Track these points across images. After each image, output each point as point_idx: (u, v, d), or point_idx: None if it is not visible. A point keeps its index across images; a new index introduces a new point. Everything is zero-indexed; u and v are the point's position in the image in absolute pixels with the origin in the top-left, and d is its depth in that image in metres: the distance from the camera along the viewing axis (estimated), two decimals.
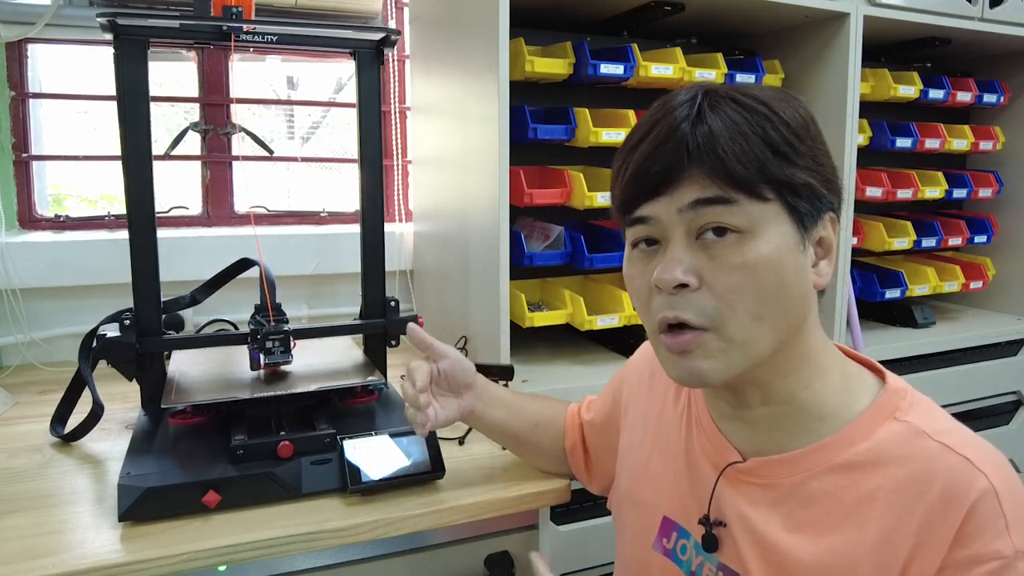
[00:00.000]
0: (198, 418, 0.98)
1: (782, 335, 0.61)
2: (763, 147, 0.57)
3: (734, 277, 0.58)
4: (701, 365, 0.60)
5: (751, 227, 0.58)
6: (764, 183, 0.58)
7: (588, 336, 1.51)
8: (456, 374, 0.88)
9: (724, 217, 0.58)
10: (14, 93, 1.51)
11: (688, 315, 0.59)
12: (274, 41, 1.02)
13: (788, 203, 0.59)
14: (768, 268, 0.58)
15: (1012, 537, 0.53)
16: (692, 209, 0.58)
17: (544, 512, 0.95)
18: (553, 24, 1.52)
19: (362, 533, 0.82)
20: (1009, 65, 1.91)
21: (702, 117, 0.58)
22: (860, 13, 1.46)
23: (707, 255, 0.59)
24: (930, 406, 0.63)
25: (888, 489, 0.58)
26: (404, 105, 1.77)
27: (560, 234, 1.38)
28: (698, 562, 0.69)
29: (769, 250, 0.58)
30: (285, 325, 1.01)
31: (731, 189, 0.57)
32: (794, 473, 0.62)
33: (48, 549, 0.75)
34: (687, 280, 0.58)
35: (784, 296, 0.59)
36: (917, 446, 0.58)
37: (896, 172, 1.73)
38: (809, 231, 0.60)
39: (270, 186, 1.82)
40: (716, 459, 0.68)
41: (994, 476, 0.55)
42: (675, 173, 0.58)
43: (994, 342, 1.76)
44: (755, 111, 0.58)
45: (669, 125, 0.59)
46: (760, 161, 0.57)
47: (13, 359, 1.44)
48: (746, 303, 0.58)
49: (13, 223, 1.52)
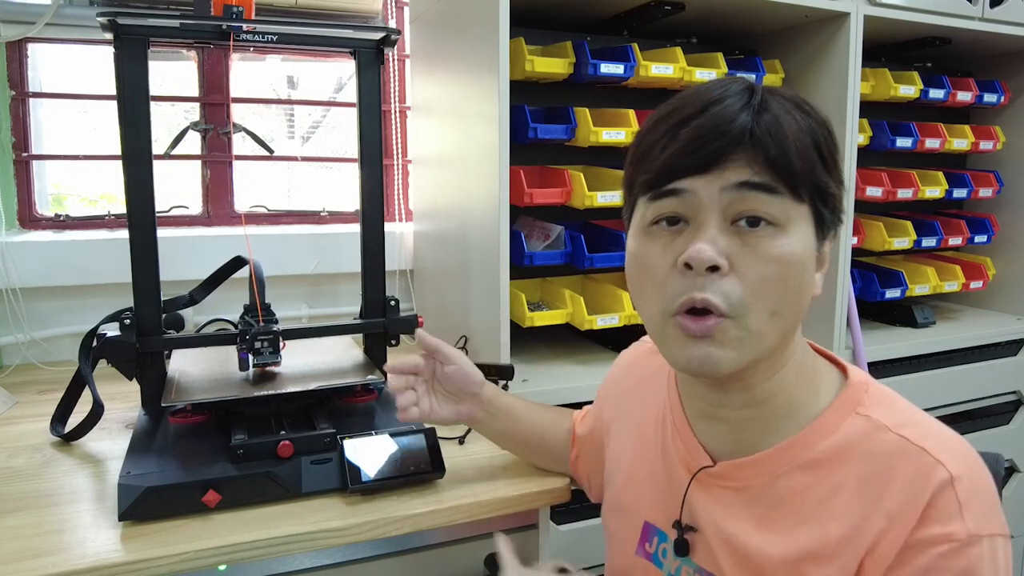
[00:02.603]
0: (198, 417, 0.98)
1: (787, 335, 0.61)
2: (815, 150, 0.59)
3: (766, 268, 0.57)
4: (716, 352, 0.59)
5: (786, 222, 0.58)
6: (807, 184, 0.59)
7: (588, 336, 1.51)
8: (459, 381, 0.90)
9: (766, 206, 0.57)
10: (14, 93, 1.51)
11: (717, 299, 0.57)
12: (274, 41, 1.02)
13: (816, 209, 0.60)
14: (797, 265, 0.58)
15: (966, 521, 0.54)
16: (736, 191, 0.57)
17: (544, 512, 0.95)
18: (553, 24, 1.52)
19: (362, 533, 0.82)
20: (1009, 65, 1.91)
21: (766, 107, 0.58)
22: (860, 13, 1.46)
23: (740, 241, 0.58)
24: (892, 398, 0.64)
25: (852, 483, 0.59)
26: (404, 105, 1.77)
27: (560, 234, 1.38)
28: (676, 565, 0.70)
29: (799, 247, 0.58)
30: (274, 325, 1.01)
31: (780, 181, 0.57)
32: (762, 474, 0.63)
33: (48, 548, 0.75)
34: (720, 262, 0.57)
35: (800, 296, 0.60)
36: (878, 440, 0.60)
37: (896, 172, 1.73)
38: (823, 241, 0.62)
39: (270, 186, 1.82)
40: (689, 463, 0.69)
41: (951, 464, 0.56)
42: (731, 151, 0.57)
43: (994, 342, 1.75)
44: (809, 115, 0.60)
45: (729, 109, 0.58)
46: (812, 162, 0.58)
47: (13, 358, 1.44)
48: (769, 296, 0.58)
49: (13, 223, 1.52)
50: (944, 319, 1.85)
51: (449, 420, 0.91)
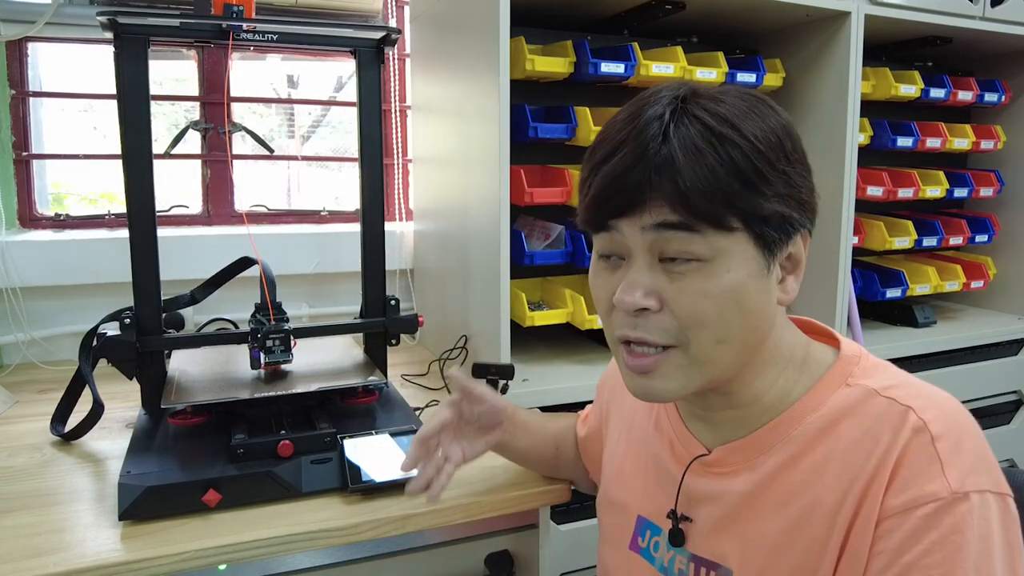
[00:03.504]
0: (198, 418, 0.98)
1: (743, 355, 0.61)
2: (730, 178, 0.55)
3: (696, 304, 0.57)
4: (657, 385, 0.61)
5: (714, 256, 0.57)
6: (730, 214, 0.56)
7: (588, 335, 1.51)
8: (491, 416, 0.87)
9: (686, 245, 0.57)
10: (14, 92, 1.51)
11: (652, 336, 0.59)
12: (274, 40, 1.02)
13: (755, 232, 0.57)
14: (730, 297, 0.57)
15: (948, 479, 0.53)
16: (655, 231, 0.57)
17: (544, 512, 0.95)
18: (554, 23, 1.51)
19: (362, 532, 0.82)
20: (1010, 64, 1.90)
21: (668, 141, 0.56)
22: (861, 12, 1.46)
23: (668, 278, 0.58)
24: (884, 367, 0.64)
25: (840, 450, 0.58)
26: (404, 104, 1.77)
27: (560, 233, 1.38)
28: (669, 557, 0.69)
29: (731, 279, 0.57)
30: (286, 324, 1.01)
31: (695, 219, 0.56)
32: (755, 454, 0.63)
33: (48, 548, 0.75)
34: (647, 304, 0.58)
35: (746, 321, 0.59)
36: (867, 404, 0.59)
37: (897, 171, 1.73)
38: (776, 254, 0.59)
39: (271, 185, 1.82)
40: (683, 454, 0.70)
41: (934, 423, 0.55)
42: (641, 194, 0.56)
43: (995, 341, 1.75)
44: (723, 137, 0.56)
45: (637, 145, 0.56)
46: (725, 194, 0.55)
47: (13, 358, 1.44)
48: (707, 328, 0.58)
49: (13, 222, 1.52)
50: (945, 319, 1.85)
51: (482, 452, 0.87)
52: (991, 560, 0.51)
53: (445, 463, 0.82)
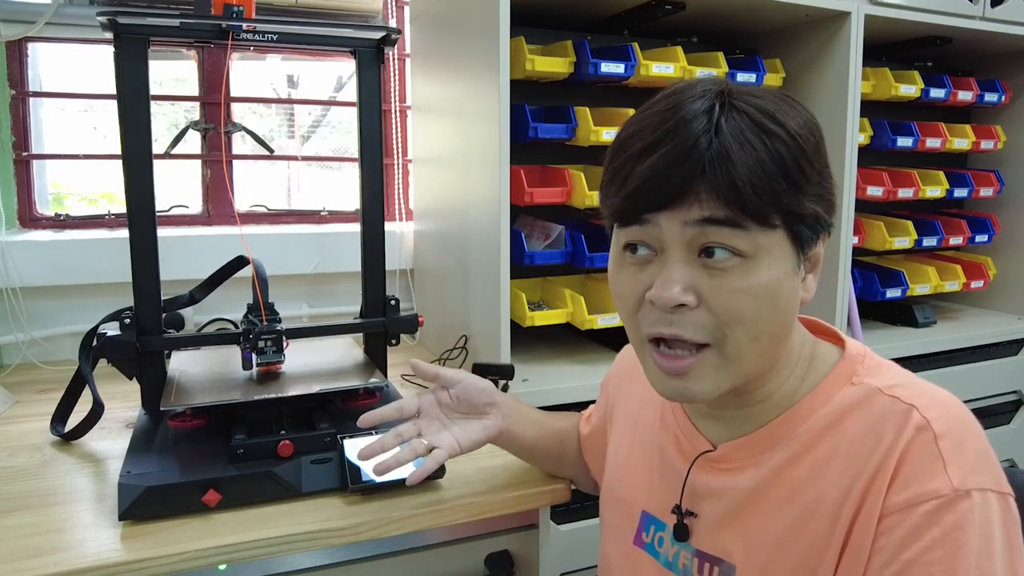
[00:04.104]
0: (198, 420, 0.97)
1: (772, 353, 0.61)
2: (779, 175, 0.55)
3: (735, 301, 0.57)
4: (692, 387, 0.60)
5: (755, 252, 0.57)
6: (774, 211, 0.56)
7: (588, 335, 1.51)
8: (472, 396, 0.87)
9: (731, 240, 0.56)
10: (14, 92, 1.51)
11: (689, 333, 0.58)
12: (274, 40, 1.02)
13: (793, 230, 0.58)
14: (768, 295, 0.57)
15: (951, 477, 0.53)
16: (699, 226, 0.56)
17: (544, 512, 0.95)
18: (554, 23, 1.51)
19: (362, 532, 0.82)
20: (1010, 64, 1.91)
21: (720, 136, 0.55)
22: (861, 12, 1.46)
23: (707, 273, 0.57)
24: (888, 366, 0.64)
25: (844, 447, 0.59)
26: (404, 104, 1.77)
27: (561, 233, 1.37)
28: (674, 551, 0.70)
29: (770, 277, 0.57)
30: (278, 324, 1.01)
31: (743, 215, 0.55)
32: (760, 451, 0.64)
33: (48, 548, 0.75)
34: (686, 300, 0.57)
35: (781, 316, 0.59)
36: (871, 402, 0.59)
37: (897, 171, 1.73)
38: (807, 253, 0.60)
39: (271, 185, 1.82)
40: (689, 450, 0.70)
41: (937, 421, 0.56)
42: (687, 188, 0.56)
43: (995, 342, 1.75)
44: (771, 133, 0.55)
45: (684, 142, 0.55)
46: (774, 192, 0.55)
47: (13, 358, 1.44)
48: (744, 325, 0.58)
49: (13, 222, 1.52)
50: (945, 319, 1.85)
51: (481, 440, 0.85)
52: (992, 558, 0.51)
53: (434, 450, 0.81)
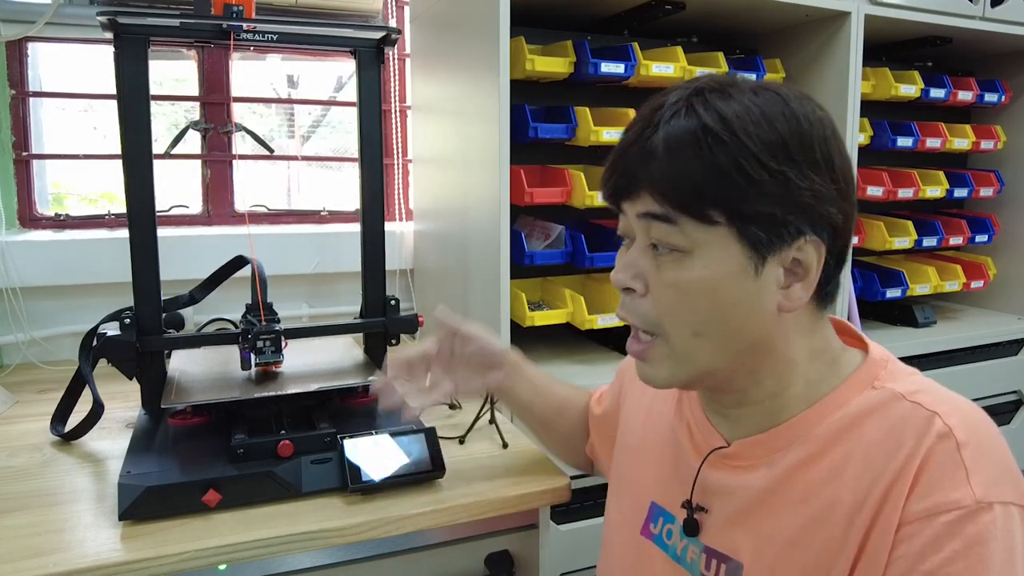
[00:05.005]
0: (198, 418, 0.98)
1: (729, 354, 0.61)
2: (706, 172, 0.56)
3: (668, 293, 0.60)
4: (648, 371, 0.64)
5: (690, 248, 0.58)
6: (709, 208, 0.57)
7: (588, 335, 1.51)
8: (483, 356, 0.91)
9: (665, 235, 0.59)
10: (14, 92, 1.51)
11: (632, 319, 0.63)
12: (274, 40, 1.02)
13: (739, 229, 0.57)
14: (701, 291, 0.59)
15: (973, 488, 0.52)
16: (644, 219, 0.60)
17: (544, 512, 0.95)
18: (554, 23, 1.52)
19: (362, 532, 0.82)
20: (1010, 64, 1.91)
21: (656, 133, 0.58)
22: (861, 12, 1.46)
23: (655, 264, 0.61)
24: (911, 372, 0.63)
25: (862, 450, 0.58)
26: (404, 104, 1.77)
27: (561, 233, 1.38)
28: (683, 546, 0.69)
29: (705, 274, 0.58)
30: (276, 324, 1.01)
31: (674, 210, 0.58)
32: (774, 450, 0.63)
33: (48, 548, 0.75)
34: (633, 285, 0.62)
35: (724, 319, 0.59)
36: (891, 407, 0.59)
37: (897, 171, 1.73)
38: (767, 256, 0.58)
39: (271, 185, 1.82)
40: (702, 444, 0.69)
41: (959, 429, 0.55)
42: (634, 181, 0.60)
43: (995, 342, 1.76)
44: (711, 133, 0.56)
45: (632, 137, 0.60)
46: (697, 188, 0.56)
47: (13, 358, 1.44)
48: (683, 319, 0.60)
49: (13, 222, 1.52)
50: (945, 319, 1.85)
51: (479, 393, 0.92)
52: (1014, 573, 0.51)
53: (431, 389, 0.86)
